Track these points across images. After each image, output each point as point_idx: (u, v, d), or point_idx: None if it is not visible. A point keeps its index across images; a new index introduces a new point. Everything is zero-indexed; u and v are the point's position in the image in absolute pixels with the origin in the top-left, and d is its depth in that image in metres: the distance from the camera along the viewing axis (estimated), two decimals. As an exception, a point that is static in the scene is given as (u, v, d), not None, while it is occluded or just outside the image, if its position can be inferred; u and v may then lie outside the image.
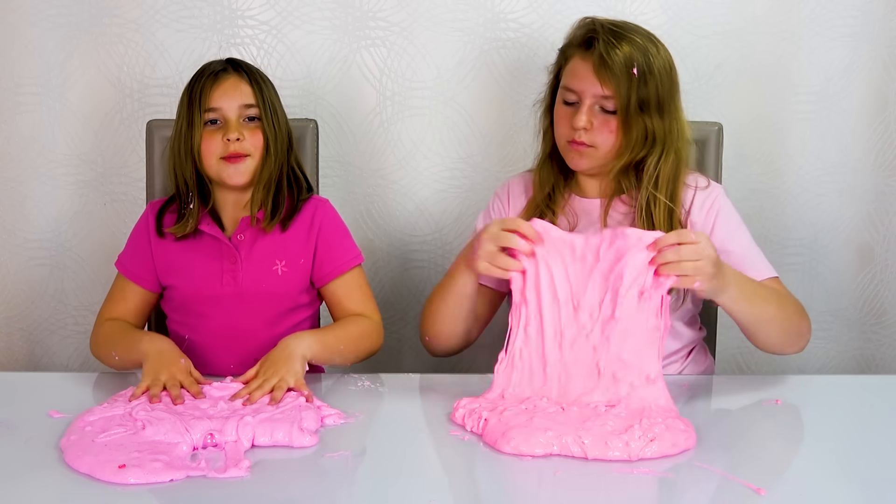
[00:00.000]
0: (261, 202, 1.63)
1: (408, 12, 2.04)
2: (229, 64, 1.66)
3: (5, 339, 2.16)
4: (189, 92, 1.63)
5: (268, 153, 1.62)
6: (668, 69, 1.58)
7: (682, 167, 1.60)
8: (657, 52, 1.57)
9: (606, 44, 1.54)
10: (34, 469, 1.21)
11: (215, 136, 1.60)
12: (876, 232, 2.15)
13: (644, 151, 1.56)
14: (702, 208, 1.62)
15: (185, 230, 1.62)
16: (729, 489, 1.17)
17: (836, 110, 2.10)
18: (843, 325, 2.20)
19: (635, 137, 1.55)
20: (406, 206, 2.12)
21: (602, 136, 1.56)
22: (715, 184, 1.67)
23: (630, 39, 1.55)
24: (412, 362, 2.17)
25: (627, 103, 1.53)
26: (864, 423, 1.41)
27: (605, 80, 1.54)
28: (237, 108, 1.60)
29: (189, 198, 1.64)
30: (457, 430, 1.34)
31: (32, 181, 2.09)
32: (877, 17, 2.06)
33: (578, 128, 1.56)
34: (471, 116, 2.08)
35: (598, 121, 1.56)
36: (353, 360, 1.61)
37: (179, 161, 1.63)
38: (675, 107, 1.59)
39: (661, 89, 1.55)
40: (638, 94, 1.53)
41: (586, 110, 1.56)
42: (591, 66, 1.55)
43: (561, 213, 1.65)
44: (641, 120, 1.54)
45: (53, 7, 2.02)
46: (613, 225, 1.62)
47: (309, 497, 1.18)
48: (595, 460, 1.23)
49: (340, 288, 1.66)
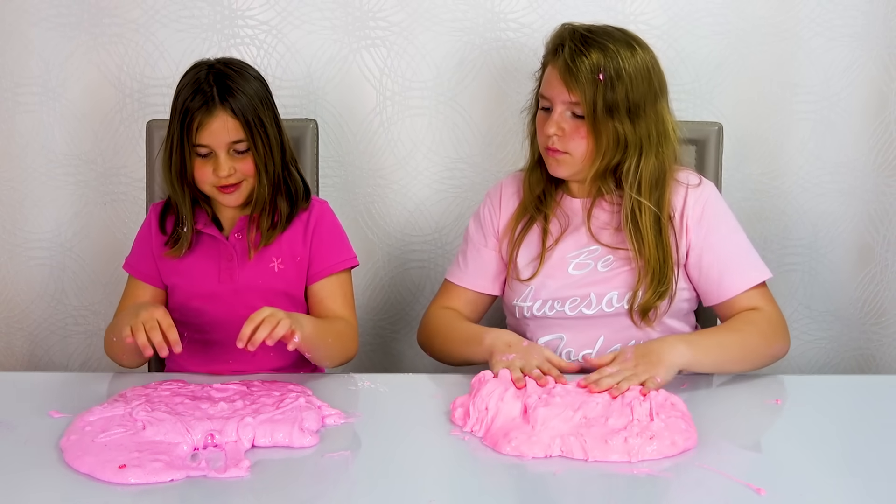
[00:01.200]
0: (257, 222, 1.64)
1: (408, 12, 2.04)
2: (216, 85, 1.58)
3: (5, 339, 2.16)
4: (180, 120, 1.59)
5: (260, 176, 1.62)
6: (646, 73, 1.58)
7: (665, 171, 1.61)
8: (631, 56, 1.57)
9: (572, 50, 1.56)
10: (34, 469, 1.21)
11: (206, 166, 1.60)
12: (876, 232, 2.15)
13: (617, 156, 1.58)
14: (695, 206, 1.62)
15: (181, 253, 1.65)
16: (729, 489, 1.17)
17: (836, 110, 2.10)
18: (843, 325, 2.19)
19: (606, 142, 1.56)
20: (406, 206, 2.12)
21: (574, 142, 1.58)
22: (707, 181, 1.67)
23: (601, 45, 1.56)
24: (412, 362, 2.17)
25: (594, 108, 1.55)
26: (864, 423, 1.40)
27: (571, 87, 1.56)
28: (225, 144, 1.59)
29: (183, 221, 1.65)
30: (457, 430, 1.34)
31: (32, 181, 2.09)
32: (877, 17, 2.06)
33: (549, 134, 1.58)
34: (471, 116, 2.08)
35: (569, 126, 1.58)
36: (329, 362, 1.62)
37: (172, 187, 1.64)
38: (655, 110, 1.59)
39: (634, 93, 1.56)
40: (605, 99, 1.54)
41: (557, 117, 1.58)
42: (558, 73, 1.58)
43: (552, 216, 1.67)
44: (611, 124, 1.56)
45: (53, 7, 2.02)
46: (596, 228, 1.64)
47: (309, 497, 1.18)
48: (596, 462, 1.23)
49: (325, 288, 1.67)
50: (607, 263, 1.63)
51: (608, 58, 1.55)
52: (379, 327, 2.18)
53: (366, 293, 2.15)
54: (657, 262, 1.58)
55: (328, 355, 1.61)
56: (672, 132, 1.62)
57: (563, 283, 1.63)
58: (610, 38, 1.58)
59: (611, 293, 1.61)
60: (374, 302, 2.17)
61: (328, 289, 1.67)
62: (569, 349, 1.63)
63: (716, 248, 1.61)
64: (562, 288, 1.63)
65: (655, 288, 1.58)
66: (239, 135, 1.59)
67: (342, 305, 1.67)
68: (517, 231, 1.68)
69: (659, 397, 1.36)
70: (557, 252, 1.65)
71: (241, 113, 1.59)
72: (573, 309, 1.62)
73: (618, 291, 1.61)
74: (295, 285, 1.67)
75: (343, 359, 1.64)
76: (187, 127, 1.58)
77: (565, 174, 1.63)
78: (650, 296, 1.58)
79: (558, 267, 1.64)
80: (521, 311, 1.66)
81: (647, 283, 1.58)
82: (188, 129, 1.58)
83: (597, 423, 1.29)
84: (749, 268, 1.62)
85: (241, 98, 1.60)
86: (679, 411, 1.34)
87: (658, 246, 1.58)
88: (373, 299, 2.17)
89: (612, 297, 1.61)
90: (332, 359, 1.62)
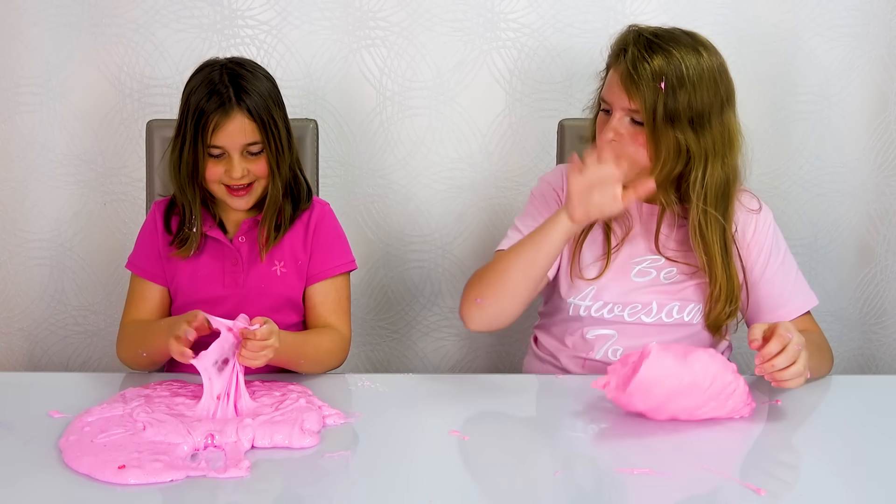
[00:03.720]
0: (267, 224, 1.63)
1: (408, 12, 2.04)
2: (232, 86, 1.56)
3: (5, 339, 2.16)
4: (194, 121, 1.56)
5: (273, 177, 1.61)
6: (711, 80, 1.52)
7: (732, 182, 1.56)
8: (696, 62, 1.51)
9: (635, 56, 1.51)
10: (34, 469, 1.21)
11: (218, 166, 1.58)
12: (876, 232, 2.15)
13: (679, 166, 1.52)
14: (758, 234, 1.60)
15: (189, 253, 1.63)
16: (729, 489, 1.17)
17: (836, 110, 2.10)
18: (843, 325, 2.20)
19: (665, 151, 1.50)
20: (406, 206, 2.12)
21: (631, 148, 1.52)
22: (765, 207, 1.64)
23: (666, 51, 1.50)
24: (412, 362, 2.17)
25: (654, 116, 1.49)
26: (864, 423, 1.40)
27: (631, 93, 1.50)
28: (240, 146, 1.57)
29: (192, 221, 1.64)
30: (457, 430, 1.34)
31: (32, 181, 2.09)
32: (877, 17, 2.06)
33: (606, 139, 1.53)
34: (471, 116, 2.08)
35: (627, 132, 1.52)
36: (310, 372, 1.59)
37: (181, 187, 1.62)
38: (721, 119, 1.54)
39: (697, 102, 1.50)
40: (665, 107, 1.48)
41: (615, 122, 1.53)
42: (619, 78, 1.53)
43: (615, 219, 1.61)
44: (671, 133, 1.50)
45: (53, 7, 2.02)
46: (661, 240, 1.60)
47: (309, 497, 1.18)
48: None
49: (319, 293, 1.66)
50: (670, 276, 1.60)
51: (671, 65, 1.49)
52: (379, 327, 2.18)
53: (366, 293, 2.15)
54: (724, 279, 1.55)
55: (306, 369, 1.57)
56: (739, 141, 1.56)
57: (626, 288, 1.60)
58: (676, 44, 1.52)
59: (672, 304, 1.60)
60: (374, 302, 2.17)
61: (323, 293, 1.66)
62: (616, 348, 1.61)
63: (773, 277, 1.60)
64: (625, 293, 1.60)
65: (724, 305, 1.56)
66: (255, 136, 1.57)
67: (335, 312, 1.65)
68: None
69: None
70: (622, 256, 1.61)
71: (258, 114, 1.57)
72: (632, 315, 1.60)
73: (678, 304, 1.60)
74: (296, 289, 1.65)
75: (324, 370, 1.61)
76: (202, 128, 1.55)
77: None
78: (720, 311, 1.57)
79: (622, 271, 1.61)
80: (577, 310, 1.62)
81: (719, 300, 1.56)
82: (203, 131, 1.55)
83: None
84: (801, 296, 1.61)
85: (256, 99, 1.57)
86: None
87: (724, 263, 1.55)
88: (373, 299, 2.17)
89: (673, 308, 1.60)
90: (310, 371, 1.59)
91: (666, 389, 1.32)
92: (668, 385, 1.32)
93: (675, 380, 1.32)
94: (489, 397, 1.49)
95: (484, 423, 1.43)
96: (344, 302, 1.67)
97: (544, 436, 1.36)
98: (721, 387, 1.34)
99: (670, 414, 1.34)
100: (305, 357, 1.56)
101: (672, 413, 1.34)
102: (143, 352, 1.56)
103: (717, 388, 1.33)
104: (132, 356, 1.60)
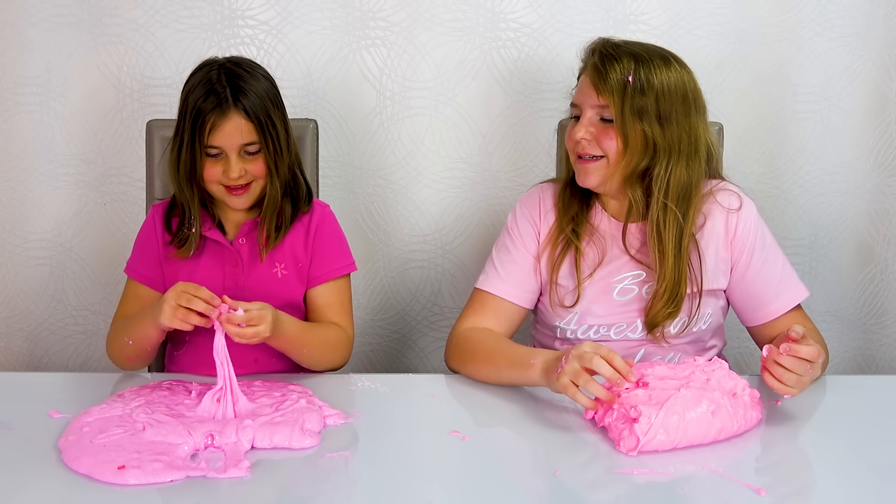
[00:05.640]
0: (267, 225, 1.62)
1: (408, 12, 2.04)
2: (230, 86, 1.56)
3: (5, 339, 2.16)
4: (192, 121, 1.56)
5: (272, 177, 1.61)
6: (680, 87, 1.54)
7: (694, 186, 1.57)
8: (664, 67, 1.54)
9: (604, 56, 1.55)
10: (34, 469, 1.21)
11: (216, 166, 1.58)
12: (876, 232, 2.15)
13: (646, 160, 1.54)
14: (740, 231, 1.60)
15: (188, 254, 1.62)
16: (729, 489, 1.17)
17: (836, 110, 2.10)
18: (843, 325, 2.20)
19: (634, 143, 1.52)
20: (406, 206, 2.12)
21: (604, 145, 1.54)
22: (747, 201, 1.62)
23: (635, 53, 1.54)
24: (412, 362, 2.17)
25: (622, 109, 1.52)
26: (864, 423, 1.40)
27: (600, 89, 1.53)
28: (237, 146, 1.57)
29: (192, 221, 1.63)
30: (457, 430, 1.34)
31: (32, 181, 2.09)
32: (877, 17, 2.06)
33: (578, 139, 1.55)
34: (471, 116, 2.08)
35: (597, 129, 1.55)
36: (312, 366, 1.60)
37: (180, 187, 1.61)
38: (688, 122, 1.55)
39: (664, 103, 1.53)
40: (633, 101, 1.52)
41: (586, 121, 1.55)
42: (588, 79, 1.56)
43: (589, 239, 1.62)
44: (639, 126, 1.52)
45: (53, 7, 2.02)
46: (633, 251, 1.59)
47: (309, 497, 1.18)
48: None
49: (322, 295, 1.66)
50: (651, 290, 1.59)
51: (639, 63, 1.53)
52: (379, 327, 2.18)
53: (366, 293, 2.15)
54: (671, 279, 1.55)
55: (310, 361, 1.58)
56: (704, 149, 1.57)
57: (609, 308, 1.60)
58: (643, 49, 1.56)
59: None
60: (374, 302, 2.17)
61: (325, 296, 1.66)
62: None
63: (760, 273, 1.60)
64: (608, 314, 1.60)
65: (665, 306, 1.56)
66: (252, 137, 1.57)
67: (338, 313, 1.66)
68: (556, 252, 1.62)
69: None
70: (602, 276, 1.61)
71: (255, 114, 1.56)
72: (619, 333, 1.61)
73: None
74: (296, 291, 1.65)
75: (328, 366, 1.61)
76: (199, 128, 1.55)
77: (594, 183, 1.57)
78: (659, 310, 1.56)
79: (604, 292, 1.61)
80: (564, 333, 1.64)
81: (661, 298, 1.56)
82: (200, 131, 1.55)
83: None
84: (790, 289, 1.61)
85: (253, 99, 1.57)
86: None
87: (675, 265, 1.55)
88: (373, 299, 2.17)
89: None
90: (314, 364, 1.60)
91: (672, 445, 1.29)
92: (672, 443, 1.29)
93: (680, 434, 1.29)
94: (489, 397, 1.49)
95: (484, 423, 1.43)
96: (346, 303, 1.68)
97: (544, 436, 1.36)
98: (726, 420, 1.32)
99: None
100: (309, 346, 1.56)
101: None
102: (129, 339, 1.54)
103: (721, 425, 1.31)
104: (118, 347, 1.58)
